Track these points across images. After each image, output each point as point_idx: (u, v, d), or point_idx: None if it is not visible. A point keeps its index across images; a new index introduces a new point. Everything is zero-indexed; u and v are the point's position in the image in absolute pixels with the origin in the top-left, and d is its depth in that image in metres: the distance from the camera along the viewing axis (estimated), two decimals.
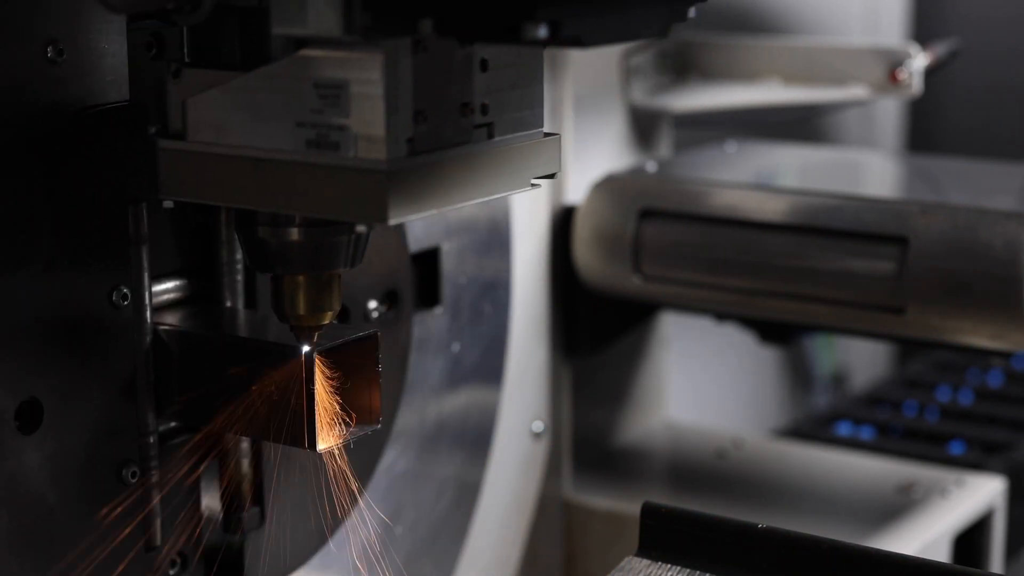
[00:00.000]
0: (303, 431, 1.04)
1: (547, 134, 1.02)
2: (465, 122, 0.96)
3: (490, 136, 0.98)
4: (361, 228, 1.00)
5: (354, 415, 1.07)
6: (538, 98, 1.01)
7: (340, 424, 1.06)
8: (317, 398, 1.04)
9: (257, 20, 0.95)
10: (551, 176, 1.03)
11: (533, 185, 1.01)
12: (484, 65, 0.97)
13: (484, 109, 0.97)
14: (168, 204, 1.01)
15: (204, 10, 0.94)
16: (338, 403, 1.06)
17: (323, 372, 1.05)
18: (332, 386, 1.06)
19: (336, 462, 1.09)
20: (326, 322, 1.05)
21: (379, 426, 1.08)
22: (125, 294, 1.06)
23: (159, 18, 0.96)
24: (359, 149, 0.91)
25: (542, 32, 0.84)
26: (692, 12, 0.94)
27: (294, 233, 1.01)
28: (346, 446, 1.08)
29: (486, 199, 1.00)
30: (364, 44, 0.90)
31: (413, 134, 0.92)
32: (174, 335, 1.09)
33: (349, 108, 0.91)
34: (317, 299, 1.04)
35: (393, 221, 0.92)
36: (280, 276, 1.04)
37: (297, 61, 0.93)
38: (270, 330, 1.09)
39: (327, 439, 1.05)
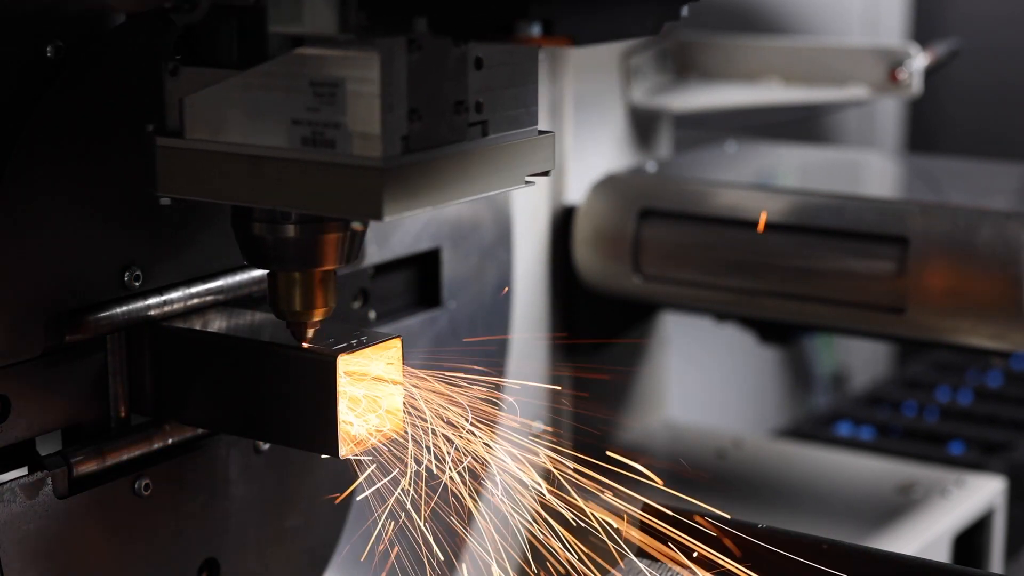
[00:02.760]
0: (327, 437, 1.04)
1: (541, 132, 1.03)
2: (459, 120, 0.97)
3: (484, 134, 0.99)
4: (357, 225, 1.01)
5: (377, 419, 1.07)
6: (532, 96, 1.02)
7: (363, 429, 1.07)
8: (340, 403, 1.04)
9: (253, 19, 0.96)
10: (545, 173, 1.03)
11: (527, 182, 1.02)
12: (479, 63, 0.97)
13: (479, 107, 0.98)
14: (166, 201, 1.02)
15: (202, 9, 0.95)
16: (361, 408, 1.07)
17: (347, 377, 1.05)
18: (355, 391, 1.06)
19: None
20: (320, 319, 1.05)
21: (403, 431, 1.08)
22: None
23: (156, 17, 0.97)
24: (354, 147, 0.92)
25: (535, 30, 0.85)
26: (684, 11, 0.95)
27: (289, 230, 1.02)
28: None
29: (480, 196, 1.00)
30: (360, 43, 0.91)
31: (408, 132, 0.93)
32: (203, 339, 1.09)
33: (345, 106, 0.92)
34: (312, 296, 1.05)
35: (388, 218, 0.92)
36: (275, 273, 1.05)
37: (293, 59, 0.94)
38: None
39: (350, 445, 1.05)
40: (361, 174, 0.92)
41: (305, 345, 1.05)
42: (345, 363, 1.04)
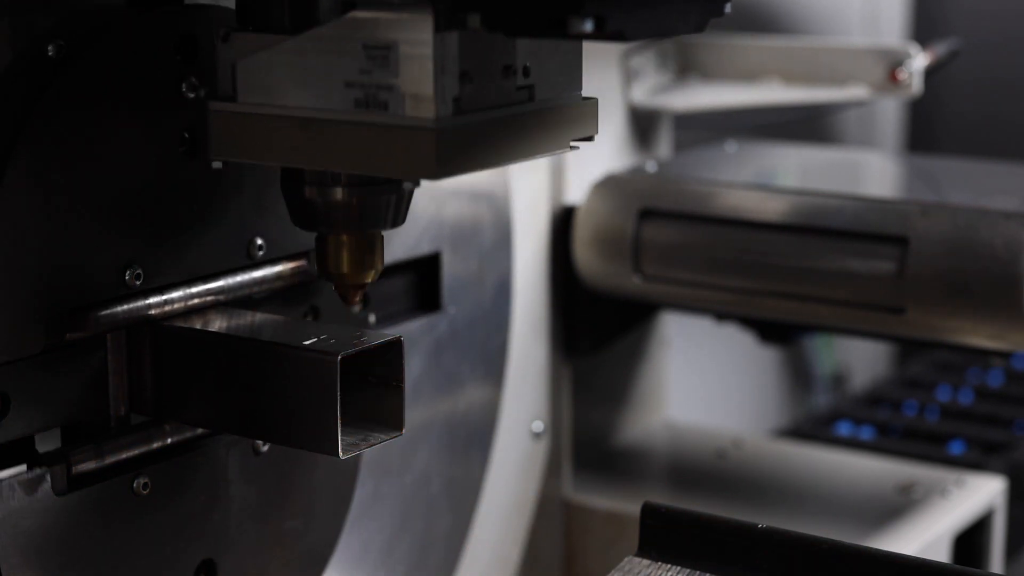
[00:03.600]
0: (327, 437, 1.04)
1: (586, 98, 1.04)
2: (508, 84, 0.98)
3: (531, 98, 1.00)
4: (409, 184, 1.03)
5: (377, 421, 1.08)
6: (577, 63, 1.03)
7: (363, 430, 1.07)
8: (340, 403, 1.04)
9: None
10: (590, 138, 1.04)
11: (572, 147, 1.03)
12: None
13: (526, 72, 0.99)
14: (217, 165, 1.02)
15: None
16: (361, 408, 1.07)
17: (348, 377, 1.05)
18: (356, 391, 1.06)
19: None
20: (369, 280, 1.07)
21: (403, 432, 1.08)
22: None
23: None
24: (407, 108, 0.94)
25: (588, 26, 0.87)
26: (728, 8, 0.97)
27: (339, 193, 1.03)
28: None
29: (528, 159, 1.01)
30: (412, 6, 0.93)
31: (459, 94, 0.94)
32: (204, 337, 1.10)
33: (398, 68, 0.93)
34: (361, 258, 1.06)
35: (442, 177, 0.94)
36: (325, 235, 1.06)
37: (347, 23, 0.95)
38: (298, 336, 1.10)
39: (350, 445, 1.05)
40: (414, 135, 0.93)
41: (306, 344, 1.06)
42: (345, 363, 1.04)
